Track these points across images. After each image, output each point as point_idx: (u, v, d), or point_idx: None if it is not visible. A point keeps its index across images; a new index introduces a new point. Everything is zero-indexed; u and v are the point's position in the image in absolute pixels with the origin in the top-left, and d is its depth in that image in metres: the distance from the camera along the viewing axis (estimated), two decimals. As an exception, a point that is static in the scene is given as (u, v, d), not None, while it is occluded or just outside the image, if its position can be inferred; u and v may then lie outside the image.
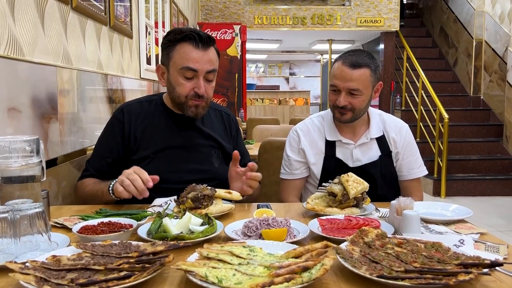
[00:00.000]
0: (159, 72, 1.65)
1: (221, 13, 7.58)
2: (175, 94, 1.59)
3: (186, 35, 1.54)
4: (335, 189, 1.40)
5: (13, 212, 0.97)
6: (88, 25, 2.04)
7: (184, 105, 1.59)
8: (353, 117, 1.71)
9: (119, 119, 1.64)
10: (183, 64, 1.53)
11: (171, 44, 1.57)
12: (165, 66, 1.61)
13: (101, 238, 1.06)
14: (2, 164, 1.11)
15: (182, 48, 1.54)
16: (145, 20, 3.30)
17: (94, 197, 1.52)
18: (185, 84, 1.56)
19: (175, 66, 1.56)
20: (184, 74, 1.55)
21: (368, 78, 1.67)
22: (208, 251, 0.93)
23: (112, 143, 1.63)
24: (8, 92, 1.32)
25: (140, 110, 1.67)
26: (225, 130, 1.80)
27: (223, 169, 1.71)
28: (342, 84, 1.67)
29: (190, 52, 1.53)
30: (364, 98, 1.68)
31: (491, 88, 6.86)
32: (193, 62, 1.53)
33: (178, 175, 1.59)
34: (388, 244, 0.99)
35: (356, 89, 1.65)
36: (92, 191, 1.54)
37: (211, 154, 1.70)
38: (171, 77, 1.59)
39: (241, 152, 1.78)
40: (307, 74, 14.47)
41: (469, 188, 5.66)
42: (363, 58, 1.67)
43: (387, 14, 7.74)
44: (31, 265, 0.87)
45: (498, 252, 1.04)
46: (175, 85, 1.58)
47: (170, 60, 1.57)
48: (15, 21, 1.37)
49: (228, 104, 6.74)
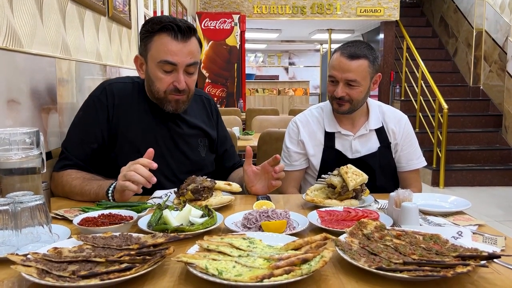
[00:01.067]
0: (138, 63, 1.55)
1: (220, 2, 7.52)
2: (154, 88, 1.51)
3: (164, 26, 1.44)
4: (334, 181, 1.40)
5: (14, 204, 0.98)
6: (86, 15, 2.02)
7: (164, 100, 1.51)
8: (350, 108, 1.71)
9: (102, 100, 1.53)
10: (161, 58, 1.45)
11: (149, 34, 1.47)
12: (143, 57, 1.51)
13: (101, 230, 1.07)
14: (2, 156, 1.11)
15: (160, 40, 1.45)
16: (144, 10, 3.27)
17: (83, 196, 1.42)
18: (164, 78, 1.47)
19: (153, 59, 1.47)
20: (162, 68, 1.46)
21: (366, 69, 1.67)
22: (208, 243, 0.94)
23: (96, 128, 1.51)
24: (7, 84, 1.32)
25: (123, 91, 1.56)
26: (207, 116, 1.75)
27: (209, 158, 1.71)
28: (340, 75, 1.67)
29: (168, 44, 1.44)
30: (362, 89, 1.68)
31: (490, 78, 6.85)
32: (171, 55, 1.44)
33: (168, 167, 1.57)
34: (387, 236, 1.00)
35: (353, 80, 1.65)
36: (81, 190, 1.43)
37: (198, 144, 1.66)
38: (150, 70, 1.50)
39: (223, 136, 1.80)
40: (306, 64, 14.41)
41: (468, 178, 5.68)
42: (361, 49, 1.66)
43: (387, 4, 7.69)
44: (32, 257, 0.87)
45: (496, 244, 1.05)
46: (154, 79, 1.49)
47: (148, 52, 1.48)
48: (13, 12, 1.36)
49: (227, 94, 6.73)
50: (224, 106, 6.59)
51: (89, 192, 1.41)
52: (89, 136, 1.52)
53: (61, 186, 1.48)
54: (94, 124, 1.52)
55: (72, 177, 1.47)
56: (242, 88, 6.81)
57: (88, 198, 1.41)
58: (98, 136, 1.52)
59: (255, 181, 1.50)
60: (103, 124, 1.52)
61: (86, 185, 1.43)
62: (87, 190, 1.42)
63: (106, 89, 1.55)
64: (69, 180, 1.46)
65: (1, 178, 1.11)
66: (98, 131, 1.52)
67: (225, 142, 1.81)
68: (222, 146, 1.79)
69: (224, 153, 1.80)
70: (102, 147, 1.53)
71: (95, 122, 1.52)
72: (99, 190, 1.39)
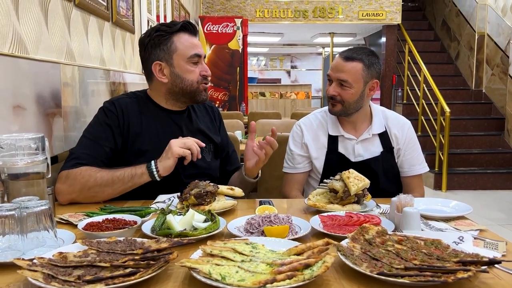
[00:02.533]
0: (157, 69, 1.59)
1: (222, 7, 7.56)
2: (186, 83, 1.59)
3: (182, 25, 1.59)
4: (336, 186, 1.41)
5: (20, 209, 0.99)
6: (90, 21, 2.04)
7: (196, 91, 1.62)
8: (342, 110, 1.75)
9: (112, 111, 1.59)
10: (191, 52, 1.58)
11: (166, 38, 1.57)
12: (166, 61, 1.58)
13: (106, 235, 1.08)
14: (9, 161, 1.13)
15: (182, 38, 1.58)
16: (147, 15, 3.30)
17: (114, 183, 1.43)
18: (195, 70, 1.60)
19: (181, 57, 1.57)
20: (192, 61, 1.59)
21: (359, 72, 1.70)
22: (211, 248, 0.95)
23: (108, 132, 1.56)
24: (13, 89, 1.34)
25: (130, 105, 1.63)
26: (211, 122, 1.81)
27: (214, 163, 1.75)
28: (334, 74, 1.74)
29: (191, 40, 1.60)
30: (353, 92, 1.71)
31: (493, 82, 6.84)
32: (197, 48, 1.60)
33: (175, 171, 1.60)
34: (389, 241, 1.01)
35: (345, 80, 1.70)
36: (112, 178, 1.43)
37: (203, 149, 1.68)
38: (178, 68, 1.58)
39: (225, 141, 1.85)
40: (308, 67, 14.44)
41: (470, 182, 5.67)
42: (358, 53, 1.72)
43: (389, 8, 7.71)
44: (38, 262, 0.89)
45: (497, 249, 1.06)
46: (185, 74, 1.59)
47: (173, 53, 1.57)
48: (19, 19, 1.38)
49: (230, 98, 6.75)
50: (227, 110, 6.60)
51: (123, 176, 1.44)
52: (103, 139, 1.55)
53: (81, 182, 1.43)
54: (106, 128, 1.56)
55: (93, 170, 1.45)
56: (245, 91, 6.83)
57: (120, 184, 1.44)
58: (110, 140, 1.55)
59: (251, 156, 1.58)
60: (115, 128, 1.57)
61: (116, 172, 1.45)
62: (119, 175, 1.44)
63: (114, 103, 1.62)
64: (92, 174, 1.44)
65: (8, 183, 1.13)
66: (110, 134, 1.55)
67: (227, 146, 1.85)
68: (223, 150, 1.82)
69: (225, 156, 1.83)
70: (114, 152, 1.55)
71: (107, 127, 1.56)
72: (135, 170, 1.45)
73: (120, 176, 1.43)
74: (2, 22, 1.28)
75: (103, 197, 1.47)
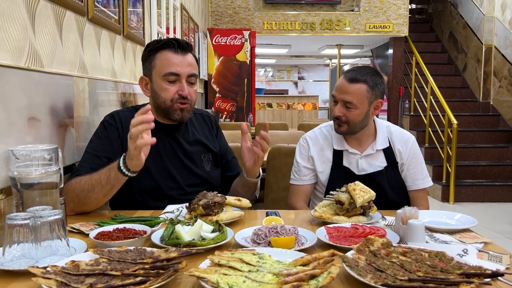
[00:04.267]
0: (143, 83, 1.68)
1: (230, 19, 7.65)
2: (160, 100, 1.62)
3: (165, 43, 1.61)
4: (342, 198, 1.43)
5: (34, 219, 1.02)
6: (103, 35, 2.10)
7: (170, 109, 1.62)
8: (348, 130, 1.78)
9: (112, 123, 1.64)
10: (166, 70, 1.59)
11: (152, 53, 1.63)
12: (148, 76, 1.65)
13: (117, 244, 1.10)
14: (23, 172, 1.17)
15: (163, 55, 1.60)
16: (157, 28, 3.36)
17: (94, 187, 1.40)
18: (169, 88, 1.60)
19: (158, 74, 1.61)
20: (167, 79, 1.60)
21: (364, 93, 1.73)
22: (219, 258, 0.97)
23: (107, 144, 1.60)
24: (28, 102, 1.38)
25: (129, 117, 1.61)
26: (209, 131, 1.85)
27: (214, 172, 1.78)
28: (339, 96, 1.76)
29: (170, 58, 1.60)
30: (358, 112, 1.74)
31: (500, 94, 6.83)
32: (174, 66, 1.59)
33: (175, 182, 1.65)
34: (393, 253, 1.02)
35: (350, 102, 1.73)
36: (90, 182, 1.41)
37: (201, 159, 1.74)
38: (155, 84, 1.63)
39: (224, 149, 1.89)
40: (315, 78, 14.50)
41: (478, 194, 5.64)
42: (362, 74, 1.74)
43: (396, 20, 7.75)
44: (52, 270, 0.91)
45: (501, 262, 1.07)
46: (160, 91, 1.62)
47: (153, 69, 1.62)
48: (35, 33, 1.43)
49: (237, 109, 6.79)
50: (234, 121, 6.65)
51: (100, 179, 1.39)
52: (100, 150, 1.58)
53: (71, 191, 1.44)
54: (105, 141, 1.61)
55: (79, 178, 1.46)
56: (252, 102, 6.87)
57: (100, 188, 1.39)
58: (108, 151, 1.58)
59: (249, 156, 1.59)
60: (115, 140, 1.61)
61: (94, 175, 1.42)
62: (96, 178, 1.40)
63: (114, 116, 1.68)
64: (77, 181, 1.45)
65: (22, 192, 1.16)
66: (109, 146, 1.60)
67: (226, 154, 1.89)
68: (223, 157, 1.87)
69: (225, 163, 1.88)
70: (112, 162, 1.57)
71: (106, 139, 1.61)
72: (109, 171, 1.38)
73: (97, 179, 1.40)
74: (19, 37, 1.33)
75: (92, 203, 1.45)
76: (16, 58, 1.32)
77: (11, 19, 1.29)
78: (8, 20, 1.28)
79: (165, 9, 3.93)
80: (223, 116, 6.74)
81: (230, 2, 7.65)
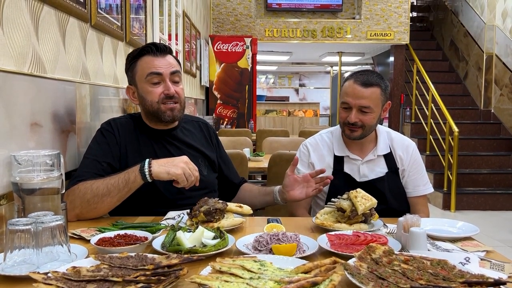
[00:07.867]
0: (130, 93, 1.70)
1: (232, 26, 7.69)
2: (147, 103, 1.63)
3: (144, 49, 1.64)
4: (344, 205, 1.43)
5: (36, 224, 1.02)
6: (105, 41, 2.11)
7: (159, 111, 1.62)
8: (362, 134, 1.76)
9: (109, 130, 1.65)
10: (147, 72, 1.61)
11: (133, 61, 1.66)
12: (133, 84, 1.68)
13: (118, 250, 1.10)
14: (25, 177, 1.17)
15: (143, 61, 1.63)
16: (159, 35, 3.38)
17: (110, 192, 1.42)
18: (154, 90, 1.62)
19: (141, 78, 1.63)
20: (150, 82, 1.61)
21: (379, 97, 1.73)
22: (220, 265, 0.97)
23: (106, 149, 1.61)
24: (31, 107, 1.39)
25: (126, 124, 1.70)
26: (205, 139, 1.86)
27: (212, 177, 1.80)
28: (354, 102, 1.72)
29: (150, 61, 1.62)
30: (374, 116, 1.74)
31: (501, 102, 6.84)
32: (155, 67, 1.61)
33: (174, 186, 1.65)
34: (395, 261, 1.02)
35: (367, 107, 1.71)
36: (107, 186, 1.43)
37: (199, 163, 1.74)
38: (140, 90, 1.64)
39: (225, 160, 1.92)
40: (316, 85, 14.54)
41: (479, 202, 5.62)
42: (374, 78, 1.73)
43: (397, 28, 7.79)
44: (53, 276, 0.91)
45: (503, 270, 1.07)
46: (145, 95, 1.63)
47: (135, 76, 1.65)
48: (38, 40, 1.44)
49: (238, 115, 6.81)
50: (235, 127, 6.66)
51: (117, 183, 1.43)
52: (100, 156, 1.59)
53: (79, 197, 1.43)
54: (104, 146, 1.62)
55: (89, 183, 1.45)
56: (253, 109, 6.89)
57: (117, 191, 1.42)
58: (108, 156, 1.60)
59: (294, 186, 1.62)
60: (113, 146, 1.63)
61: (110, 179, 1.45)
62: (113, 182, 1.43)
63: (111, 123, 1.69)
64: (87, 186, 1.44)
65: (24, 198, 1.17)
66: (108, 152, 1.61)
67: (228, 162, 1.94)
68: (227, 166, 1.91)
69: (230, 170, 1.92)
70: (113, 168, 1.58)
71: (105, 145, 1.63)
72: (127, 174, 1.43)
73: (114, 184, 1.43)
74: (23, 43, 1.34)
75: (104, 207, 1.46)
76: (20, 64, 1.32)
77: (15, 26, 1.30)
78: (12, 27, 1.28)
79: (167, 16, 3.95)
80: (224, 123, 6.76)
81: (232, 9, 7.70)
